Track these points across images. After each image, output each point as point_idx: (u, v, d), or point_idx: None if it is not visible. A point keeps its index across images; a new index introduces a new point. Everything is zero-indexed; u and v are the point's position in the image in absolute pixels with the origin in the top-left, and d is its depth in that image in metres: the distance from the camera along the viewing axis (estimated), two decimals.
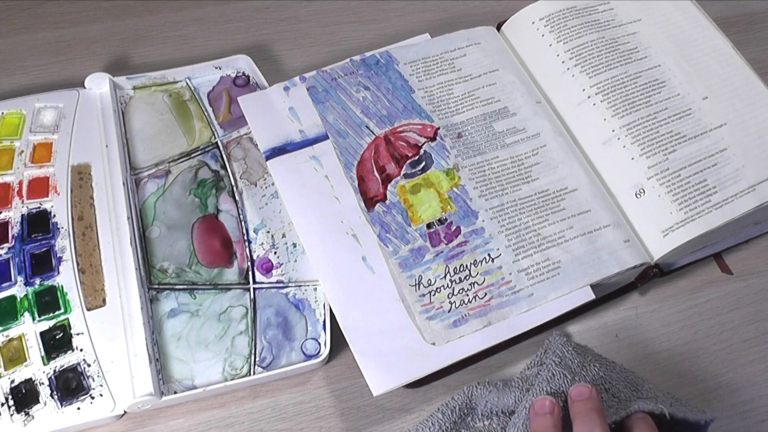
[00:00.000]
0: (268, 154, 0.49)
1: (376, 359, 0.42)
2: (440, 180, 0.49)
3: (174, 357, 0.43)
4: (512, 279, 0.45)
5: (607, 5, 0.56)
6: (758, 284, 0.51)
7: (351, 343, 0.43)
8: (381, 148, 0.50)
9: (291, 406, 0.44)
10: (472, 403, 0.43)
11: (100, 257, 0.45)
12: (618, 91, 0.51)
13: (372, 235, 0.46)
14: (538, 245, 0.47)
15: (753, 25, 0.65)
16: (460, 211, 0.48)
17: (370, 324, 0.43)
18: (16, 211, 0.47)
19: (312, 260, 0.46)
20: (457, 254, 0.46)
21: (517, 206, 0.48)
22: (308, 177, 0.48)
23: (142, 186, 0.49)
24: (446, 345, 0.43)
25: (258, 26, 0.61)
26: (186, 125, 0.52)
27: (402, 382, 0.42)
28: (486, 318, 0.44)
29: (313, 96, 0.52)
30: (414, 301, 0.44)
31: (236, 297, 0.46)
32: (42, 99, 0.51)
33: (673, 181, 0.48)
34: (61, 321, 0.43)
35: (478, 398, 0.43)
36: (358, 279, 0.45)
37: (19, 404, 0.41)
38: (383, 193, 0.48)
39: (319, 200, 0.47)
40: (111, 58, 0.58)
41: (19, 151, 0.49)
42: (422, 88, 0.53)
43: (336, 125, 0.50)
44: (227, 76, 0.55)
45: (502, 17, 0.58)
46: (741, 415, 0.45)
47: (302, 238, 0.46)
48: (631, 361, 0.47)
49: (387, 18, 0.63)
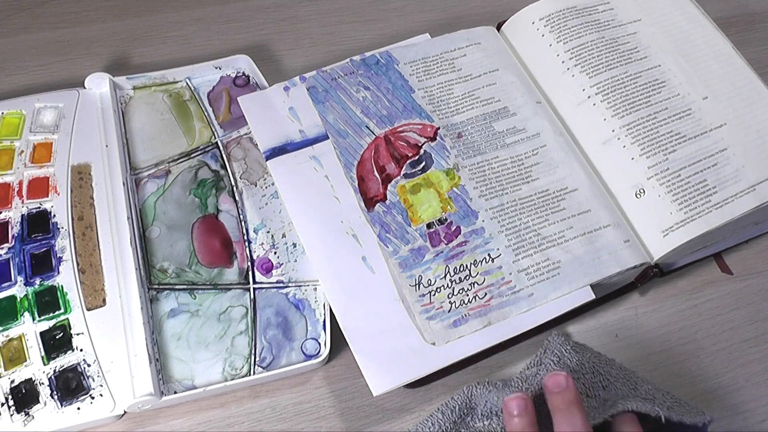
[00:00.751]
0: (268, 154, 0.49)
1: (376, 359, 0.42)
2: (440, 180, 0.49)
3: (174, 357, 0.43)
4: (512, 279, 0.45)
5: (607, 5, 0.56)
6: (758, 284, 0.51)
7: (351, 343, 0.43)
8: (381, 148, 0.50)
9: (291, 406, 0.44)
10: (472, 403, 0.43)
11: (100, 257, 0.45)
12: (618, 91, 0.51)
13: (372, 235, 0.46)
14: (538, 245, 0.47)
15: (753, 25, 0.65)
16: (460, 211, 0.48)
17: (370, 324, 0.43)
18: (16, 211, 0.47)
19: (312, 260, 0.46)
20: (457, 254, 0.46)
21: (517, 206, 0.48)
22: (308, 177, 0.48)
23: (142, 186, 0.49)
24: (446, 345, 0.43)
25: (258, 26, 0.61)
26: (186, 125, 0.52)
27: (402, 382, 0.42)
28: (486, 318, 0.44)
29: (313, 96, 0.52)
30: (414, 301, 0.44)
31: (236, 297, 0.46)
32: (42, 99, 0.51)
33: (673, 181, 0.48)
34: (61, 321, 0.43)
35: (477, 398, 0.43)
36: (358, 279, 0.45)
37: (19, 404, 0.41)
38: (383, 193, 0.48)
39: (319, 200, 0.47)
40: (111, 58, 0.58)
41: (19, 151, 0.49)
42: (422, 88, 0.53)
43: (336, 125, 0.51)
44: (227, 76, 0.55)
45: (502, 17, 0.58)
46: (741, 415, 0.45)
47: (302, 238, 0.46)
48: (631, 361, 0.47)
49: (387, 18, 0.63)
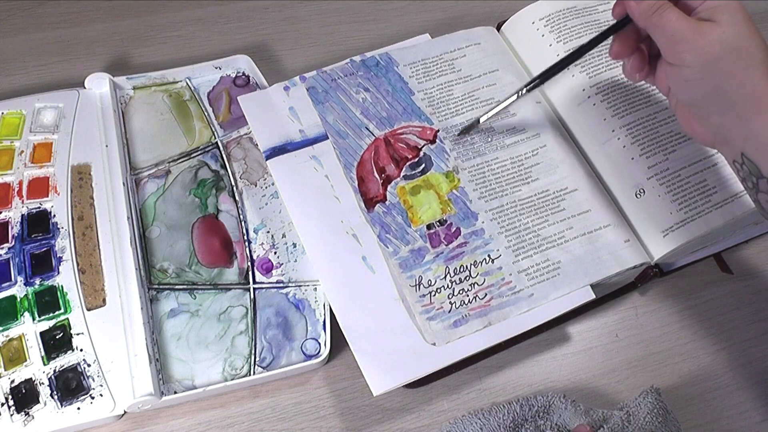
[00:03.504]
0: (268, 153, 0.49)
1: (376, 359, 0.42)
2: (440, 182, 0.49)
3: (174, 357, 0.43)
4: (512, 279, 0.45)
5: (607, 5, 0.56)
6: (758, 284, 0.51)
7: (351, 342, 0.43)
8: (381, 150, 0.50)
9: (291, 406, 0.44)
10: (550, 410, 0.43)
11: (100, 257, 0.45)
12: (618, 91, 0.51)
13: (372, 235, 0.46)
14: (538, 246, 0.47)
15: None
16: (459, 212, 0.48)
17: (370, 324, 0.43)
18: (16, 211, 0.47)
19: (312, 259, 0.46)
20: (457, 255, 0.46)
21: (517, 207, 0.48)
22: (308, 176, 0.48)
23: (142, 186, 0.49)
24: (446, 345, 0.43)
25: (258, 26, 0.61)
26: (186, 125, 0.52)
27: (402, 382, 0.42)
28: (486, 318, 0.44)
29: (312, 96, 0.52)
30: (414, 302, 0.44)
31: (236, 297, 0.46)
32: (42, 99, 0.51)
33: (673, 181, 0.48)
34: (61, 321, 0.43)
35: (555, 408, 0.43)
36: (358, 278, 0.45)
37: (19, 404, 0.41)
38: (383, 194, 0.48)
39: (319, 200, 0.47)
40: (111, 58, 0.58)
41: (19, 151, 0.49)
42: (422, 90, 0.53)
43: (336, 126, 0.50)
44: (227, 76, 0.55)
45: (502, 17, 0.58)
46: (741, 415, 0.45)
47: (302, 237, 0.46)
48: (631, 361, 0.47)
49: (387, 18, 0.63)
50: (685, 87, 0.37)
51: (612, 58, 0.41)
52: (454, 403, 0.45)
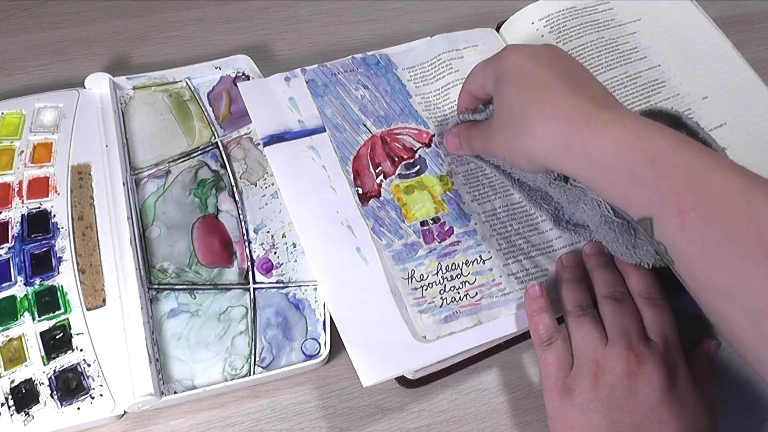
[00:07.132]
0: (266, 140, 0.49)
1: (366, 351, 0.42)
2: (434, 184, 0.49)
3: (174, 357, 0.43)
4: (502, 281, 0.45)
5: (606, 5, 0.56)
6: None
7: (342, 333, 0.42)
8: (377, 147, 0.50)
9: (291, 406, 0.44)
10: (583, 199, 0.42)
11: (100, 257, 0.45)
12: (618, 91, 0.51)
13: (366, 227, 0.46)
14: (527, 252, 0.47)
15: (753, 25, 0.65)
16: (453, 212, 0.48)
17: (362, 315, 0.43)
18: (16, 211, 0.47)
19: (306, 249, 0.45)
20: (450, 253, 0.46)
21: (509, 212, 0.48)
22: (306, 166, 0.48)
23: (142, 186, 0.49)
24: (437, 341, 0.43)
25: (258, 26, 0.61)
26: (186, 125, 0.52)
27: (392, 375, 0.41)
28: (476, 317, 0.44)
29: (312, 89, 0.52)
30: (407, 294, 0.44)
31: (236, 297, 0.46)
32: (42, 99, 0.51)
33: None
34: (61, 321, 0.43)
35: (588, 202, 0.41)
36: (351, 269, 0.45)
37: (19, 404, 0.41)
38: (377, 189, 0.48)
39: (315, 189, 0.47)
40: (111, 58, 0.58)
41: (19, 151, 0.49)
42: (419, 94, 0.53)
43: (334, 119, 0.51)
44: (227, 76, 0.55)
45: (502, 17, 0.58)
46: (741, 416, 0.45)
47: (297, 226, 0.46)
48: None
49: (387, 18, 0.63)
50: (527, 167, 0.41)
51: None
52: (454, 403, 0.45)
